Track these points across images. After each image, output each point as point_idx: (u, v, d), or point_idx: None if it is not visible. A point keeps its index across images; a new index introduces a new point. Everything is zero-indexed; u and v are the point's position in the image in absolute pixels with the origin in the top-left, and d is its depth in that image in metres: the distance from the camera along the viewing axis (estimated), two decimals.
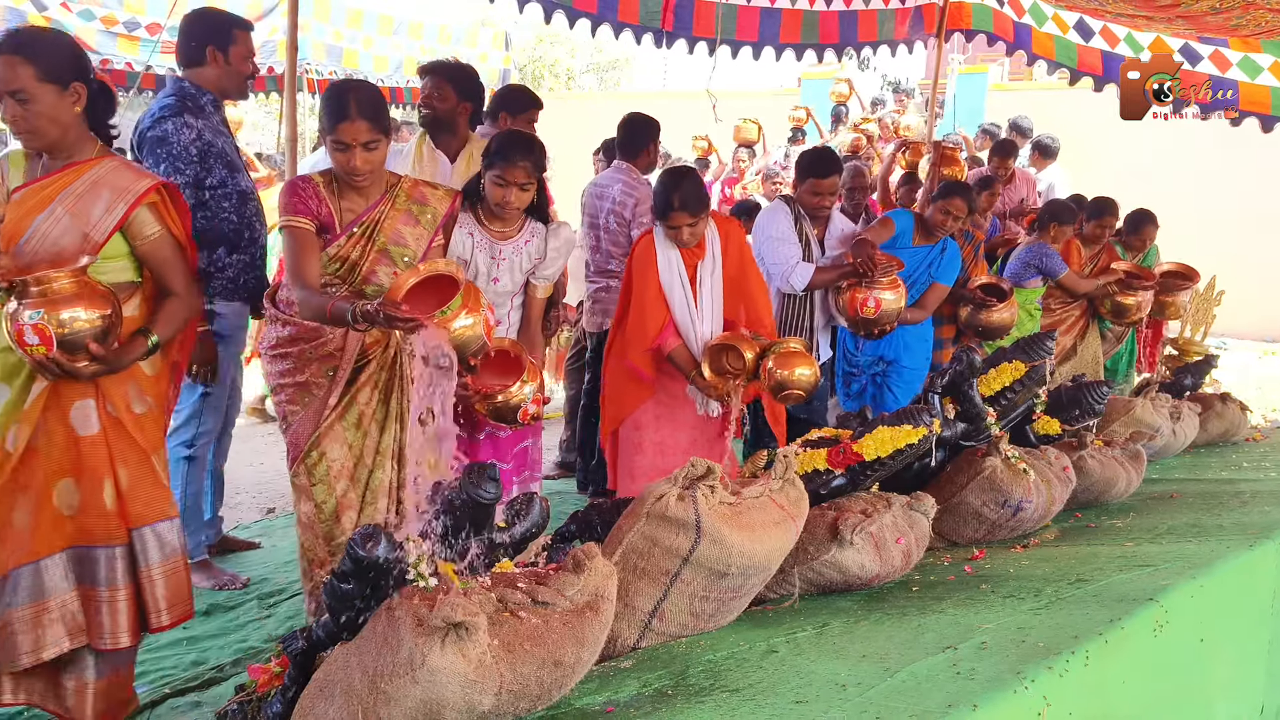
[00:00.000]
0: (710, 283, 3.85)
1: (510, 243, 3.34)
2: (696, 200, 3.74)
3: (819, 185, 4.47)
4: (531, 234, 3.38)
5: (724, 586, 2.22)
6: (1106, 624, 2.03)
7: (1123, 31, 6.25)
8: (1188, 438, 4.38)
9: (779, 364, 3.69)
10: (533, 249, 3.38)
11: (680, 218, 3.73)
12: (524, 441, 3.60)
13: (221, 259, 3.51)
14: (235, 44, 3.50)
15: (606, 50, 28.88)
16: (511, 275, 3.36)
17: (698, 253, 3.85)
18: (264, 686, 2.13)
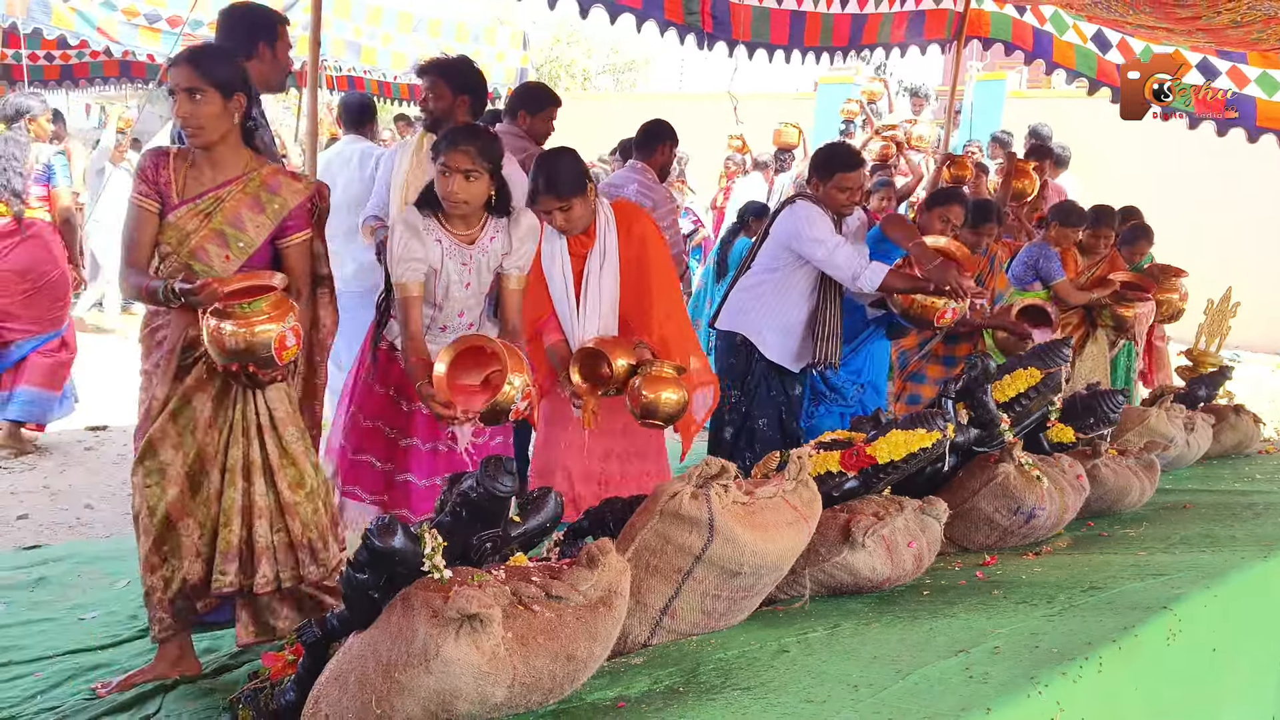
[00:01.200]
0: (599, 276, 3.54)
1: (476, 245, 3.18)
2: (568, 182, 3.41)
3: (847, 179, 4.11)
4: (495, 230, 3.20)
5: (736, 586, 2.23)
6: (1120, 631, 2.03)
7: (1140, 45, 6.22)
8: (1201, 449, 4.37)
9: (646, 385, 3.39)
10: (499, 245, 3.20)
11: (547, 201, 3.41)
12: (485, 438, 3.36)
13: None
14: (280, 39, 3.54)
15: (623, 51, 28.93)
16: (479, 276, 3.22)
17: (586, 242, 3.55)
18: (278, 674, 2.15)
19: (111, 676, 2.91)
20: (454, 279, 3.18)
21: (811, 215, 4.11)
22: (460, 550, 1.97)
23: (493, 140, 3.14)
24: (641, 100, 17.65)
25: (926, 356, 5.01)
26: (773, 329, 4.19)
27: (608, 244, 3.54)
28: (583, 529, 2.57)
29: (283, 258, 2.84)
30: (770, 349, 4.17)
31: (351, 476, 3.32)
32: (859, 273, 3.99)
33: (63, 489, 4.91)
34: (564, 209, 3.40)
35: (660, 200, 4.79)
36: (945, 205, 4.54)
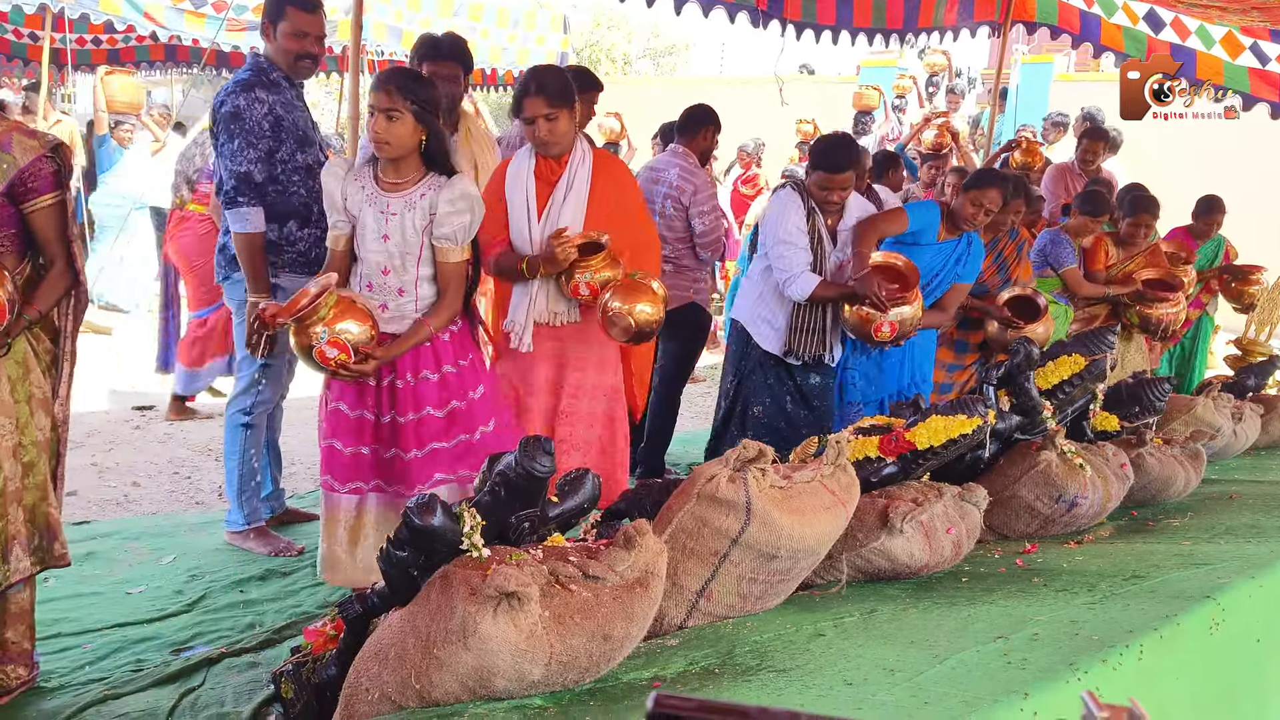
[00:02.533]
0: (562, 208, 3.33)
1: (402, 196, 2.91)
2: (558, 90, 3.21)
3: (830, 180, 3.88)
4: (428, 187, 2.93)
5: (772, 569, 2.23)
6: (1162, 620, 2.01)
7: (1194, 24, 6.09)
8: (1249, 439, 4.30)
9: (619, 294, 3.16)
10: (427, 205, 2.92)
11: (534, 103, 3.20)
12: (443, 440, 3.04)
13: (292, 233, 3.54)
14: (285, 21, 3.53)
15: (664, 35, 28.82)
16: (403, 234, 2.92)
17: (557, 169, 3.34)
18: (319, 649, 2.18)
19: (157, 650, 2.98)
20: (370, 229, 2.94)
21: (783, 206, 3.98)
22: (498, 530, 1.99)
23: (419, 81, 2.95)
24: (682, 85, 17.58)
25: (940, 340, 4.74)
26: (764, 317, 4.09)
27: (577, 176, 3.34)
28: (620, 510, 2.59)
29: (29, 223, 2.59)
30: (764, 338, 4.07)
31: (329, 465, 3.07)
32: (791, 279, 3.88)
33: (110, 467, 5.00)
34: (550, 117, 3.21)
35: (701, 185, 4.76)
36: (980, 189, 4.16)
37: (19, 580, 2.59)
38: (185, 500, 4.60)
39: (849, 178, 3.94)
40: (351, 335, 2.80)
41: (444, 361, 3.03)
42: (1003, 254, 4.71)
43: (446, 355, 3.04)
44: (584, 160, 3.37)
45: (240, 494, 3.78)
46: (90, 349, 7.39)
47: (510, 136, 4.60)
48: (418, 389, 2.99)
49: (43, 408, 2.64)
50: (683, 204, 4.71)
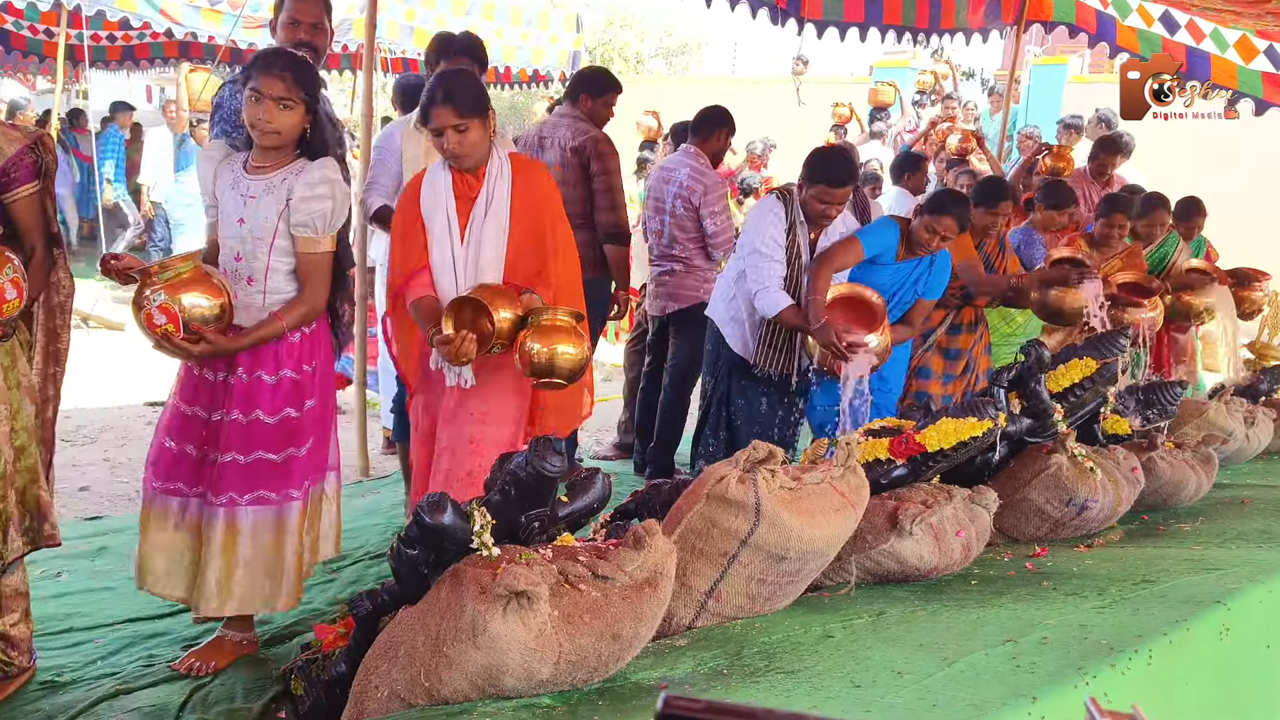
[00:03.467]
0: (484, 226, 3.00)
1: (264, 179, 2.73)
2: (469, 99, 2.88)
3: (830, 194, 3.76)
4: (291, 172, 2.74)
5: (781, 570, 2.23)
6: (1171, 625, 2.01)
7: (1209, 26, 6.07)
8: (1262, 443, 4.28)
9: (538, 337, 2.77)
10: (287, 188, 2.72)
11: (442, 114, 2.87)
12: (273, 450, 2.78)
13: None
14: (283, 11, 3.57)
15: (676, 34, 28.80)
16: (256, 217, 2.72)
17: (475, 184, 3.02)
18: (329, 646, 2.19)
19: (168, 646, 2.99)
20: (228, 212, 2.77)
21: (765, 215, 3.87)
22: (508, 529, 1.99)
23: (310, 70, 2.80)
24: (694, 84, 17.58)
25: (930, 349, 4.62)
26: (734, 318, 4.04)
27: (496, 189, 3.02)
28: (630, 511, 2.59)
29: (9, 213, 2.59)
30: (733, 339, 4.03)
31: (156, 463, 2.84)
32: (762, 292, 3.79)
33: (123, 462, 5.03)
34: (459, 129, 2.88)
35: (711, 185, 4.76)
36: (936, 215, 3.92)
37: (14, 559, 2.62)
38: None
39: (849, 192, 3.86)
40: (189, 309, 2.57)
41: (285, 364, 2.77)
42: (987, 254, 4.62)
43: (289, 358, 2.78)
44: (502, 172, 3.04)
45: None
46: (103, 344, 7.44)
47: (529, 135, 4.60)
48: (251, 388, 2.74)
49: (29, 395, 2.66)
50: (693, 204, 4.71)
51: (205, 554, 2.73)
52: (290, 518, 2.79)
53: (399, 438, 4.12)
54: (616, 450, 5.58)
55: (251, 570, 2.74)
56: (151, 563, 2.79)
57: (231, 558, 2.72)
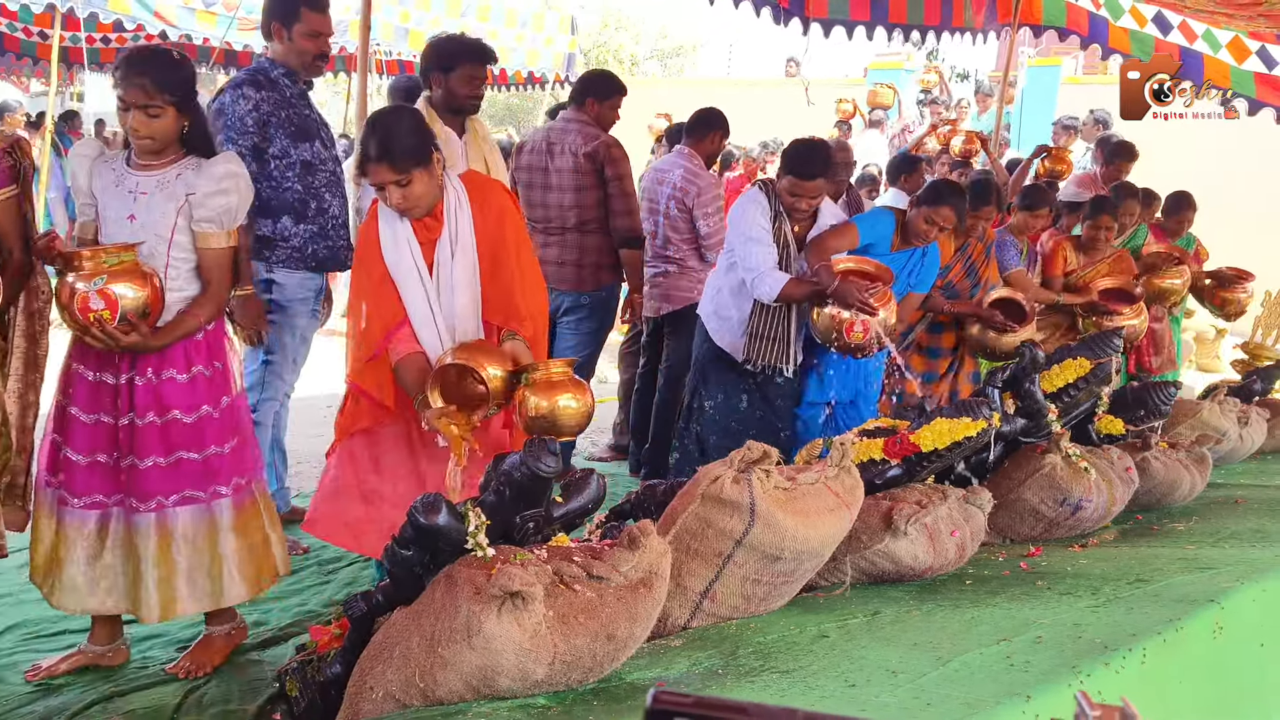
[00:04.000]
0: (454, 270, 2.79)
1: (154, 175, 2.65)
2: (408, 149, 2.64)
3: (799, 186, 3.76)
4: (185, 167, 2.66)
5: (776, 570, 2.23)
6: (1165, 624, 2.01)
7: (1201, 28, 6.08)
8: (1255, 443, 4.29)
9: (539, 392, 2.57)
10: (185, 183, 2.65)
11: (380, 172, 2.64)
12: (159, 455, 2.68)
13: (286, 229, 3.55)
14: (299, 22, 3.52)
15: (671, 36, 28.83)
16: (152, 214, 2.63)
17: (435, 226, 2.78)
18: (324, 647, 2.19)
19: (162, 648, 2.99)
20: (114, 210, 2.67)
21: (749, 205, 3.84)
22: (503, 529, 1.99)
23: (175, 68, 2.65)
24: (689, 85, 17.60)
25: (910, 348, 4.57)
26: (720, 314, 4.00)
27: (459, 227, 2.79)
28: (625, 511, 2.59)
29: None
30: (717, 333, 3.99)
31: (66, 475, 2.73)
32: (759, 277, 3.72)
33: None
34: (401, 184, 2.65)
35: (705, 186, 4.77)
36: (934, 206, 3.96)
37: None
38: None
39: (819, 186, 3.80)
40: (126, 299, 2.52)
41: (196, 361, 2.71)
42: (971, 258, 4.56)
43: (199, 355, 2.73)
44: (460, 204, 2.80)
45: None
46: None
47: (536, 142, 4.54)
48: (161, 389, 2.67)
49: None
50: (686, 205, 4.72)
51: (140, 563, 2.69)
52: (222, 515, 2.76)
53: None
54: (612, 451, 5.58)
55: (191, 572, 2.72)
56: (72, 580, 2.69)
57: (169, 563, 2.69)
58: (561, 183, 4.39)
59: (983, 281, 4.57)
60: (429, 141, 2.73)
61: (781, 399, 4.02)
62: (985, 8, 6.40)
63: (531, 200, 4.46)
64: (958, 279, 4.51)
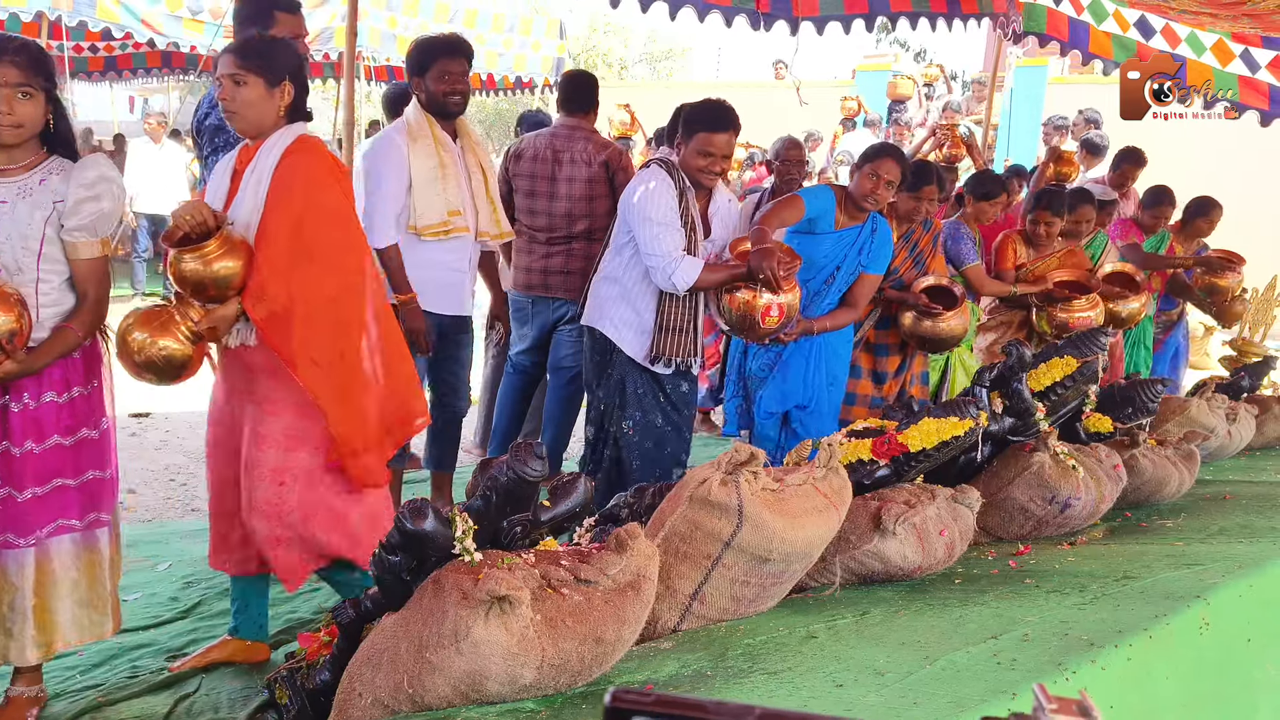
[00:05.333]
0: (243, 201, 2.68)
1: (15, 182, 2.42)
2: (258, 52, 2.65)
3: (711, 142, 3.42)
4: (49, 171, 2.46)
5: (765, 572, 2.24)
6: (1151, 620, 2.02)
7: (1185, 31, 6.10)
8: (1243, 440, 4.31)
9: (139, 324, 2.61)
10: (50, 190, 2.44)
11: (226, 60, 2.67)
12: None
13: None
14: (276, 25, 3.49)
15: (660, 40, 28.88)
16: (17, 225, 2.41)
17: (250, 158, 2.73)
18: (313, 654, 2.19)
19: (152, 656, 2.98)
20: None
21: (654, 187, 3.43)
22: (490, 534, 1.99)
23: (47, 56, 2.51)
24: (679, 89, 17.61)
25: (858, 345, 4.38)
26: (627, 320, 3.57)
27: (263, 164, 2.65)
28: (615, 514, 2.59)
29: None
30: (628, 344, 3.56)
31: None
32: (672, 265, 3.38)
33: None
34: (236, 80, 2.61)
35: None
36: (875, 160, 3.78)
37: None
38: (181, 507, 4.60)
39: (730, 141, 3.48)
40: None
41: (74, 382, 2.53)
42: (917, 245, 4.38)
43: (76, 375, 2.54)
44: (272, 152, 2.67)
45: None
46: None
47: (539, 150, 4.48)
48: (39, 414, 2.48)
49: None
50: None
51: (16, 600, 2.48)
52: (101, 544, 2.61)
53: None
54: None
55: (73, 605, 2.55)
56: None
57: (49, 597, 2.51)
58: (572, 191, 4.37)
59: (930, 272, 4.40)
60: (286, 69, 2.69)
61: (688, 407, 3.73)
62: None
63: (534, 209, 4.43)
64: (904, 269, 4.35)
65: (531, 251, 4.46)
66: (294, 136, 2.70)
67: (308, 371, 2.63)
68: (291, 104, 2.70)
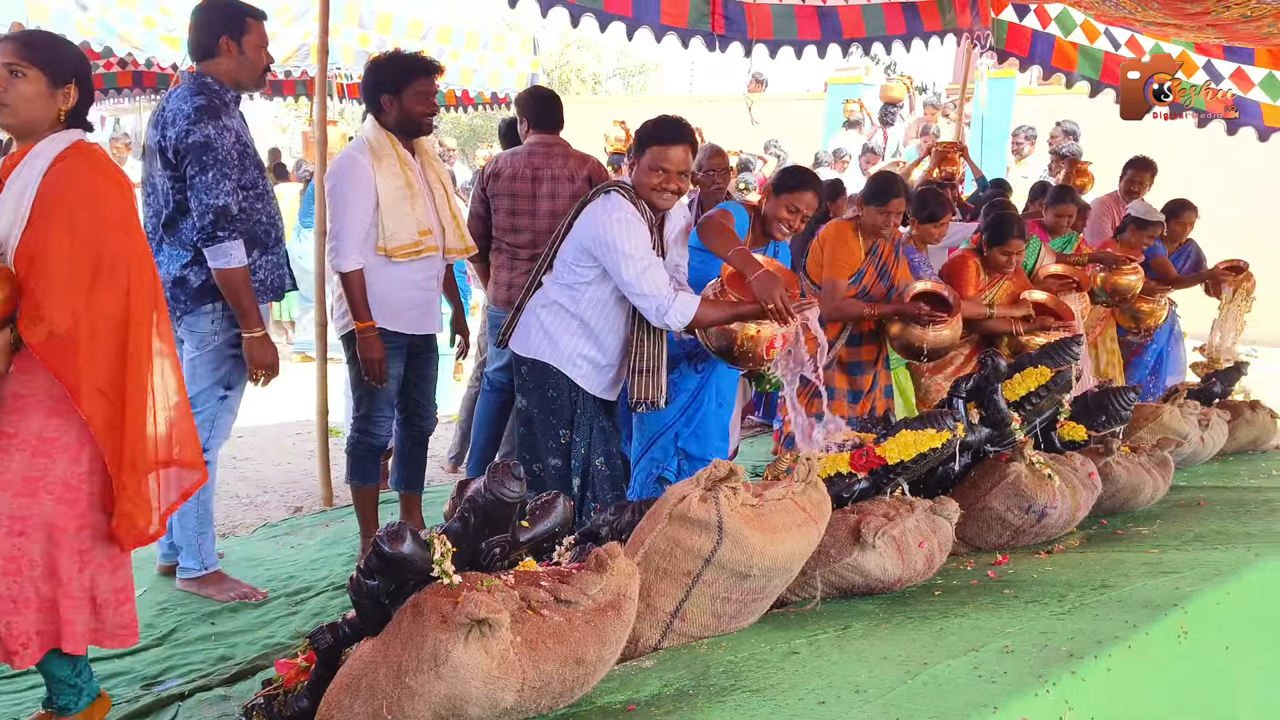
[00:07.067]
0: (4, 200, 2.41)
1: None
2: (40, 44, 2.45)
3: (666, 157, 3.23)
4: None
5: (746, 588, 2.24)
6: (1130, 629, 2.03)
7: (1149, 43, 6.19)
8: (1216, 445, 4.35)
9: None
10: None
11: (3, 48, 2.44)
12: None
13: (255, 260, 3.46)
14: (249, 33, 3.42)
15: (633, 55, 28.99)
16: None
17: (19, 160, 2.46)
18: (291, 681, 2.16)
19: (127, 685, 2.94)
20: None
21: (625, 219, 3.22)
22: (469, 556, 1.98)
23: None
24: (652, 103, 17.71)
25: (830, 366, 4.23)
26: (585, 355, 3.37)
27: (30, 168, 2.37)
28: (595, 533, 2.58)
29: None
30: (588, 379, 3.38)
31: None
32: (665, 304, 3.19)
33: None
34: (12, 70, 2.38)
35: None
36: (794, 193, 3.65)
37: None
38: None
39: (687, 155, 3.30)
40: None
41: None
42: (882, 258, 4.31)
43: None
44: (47, 151, 2.41)
45: (199, 535, 3.58)
46: None
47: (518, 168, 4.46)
48: None
49: None
50: None
51: None
52: None
53: (356, 479, 4.01)
54: None
55: None
56: None
57: None
58: (554, 207, 4.35)
59: (896, 285, 4.34)
60: (74, 71, 2.47)
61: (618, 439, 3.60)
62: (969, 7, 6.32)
63: (517, 226, 4.43)
64: (871, 283, 4.29)
65: (514, 268, 4.46)
66: (69, 141, 2.43)
67: (91, 401, 2.34)
68: (73, 110, 2.46)
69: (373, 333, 3.69)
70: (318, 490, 4.97)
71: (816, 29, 6.00)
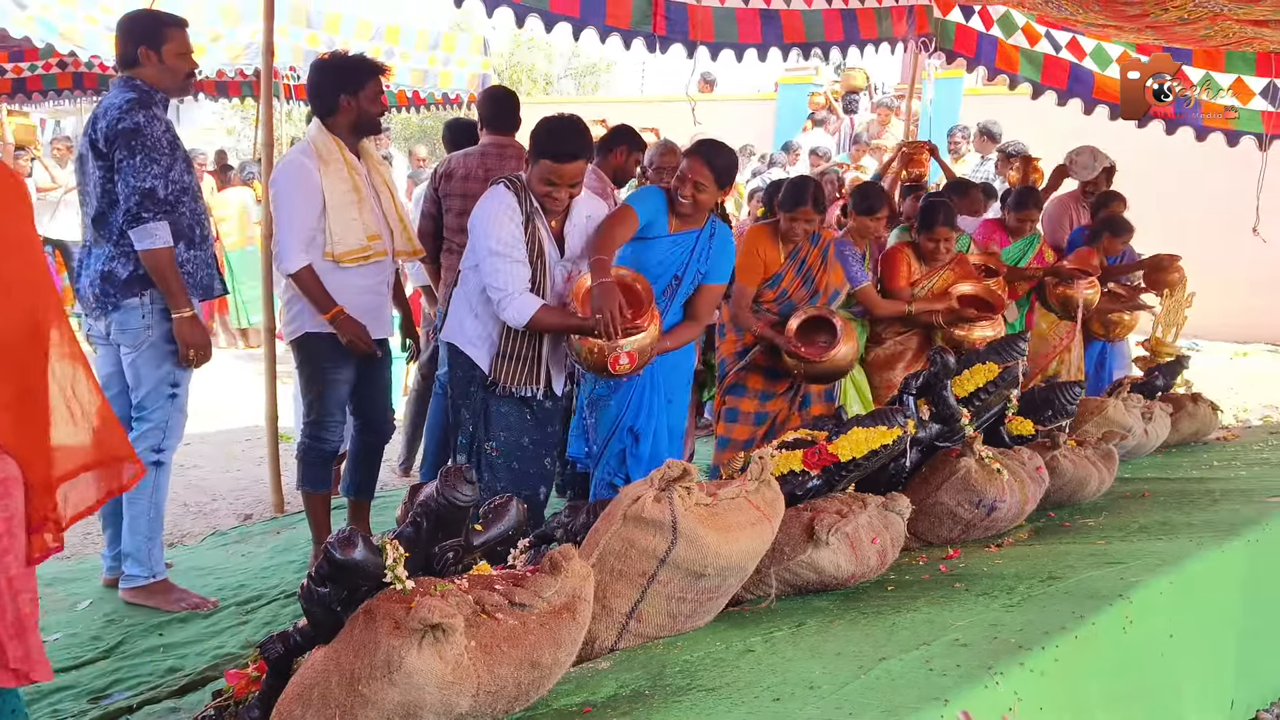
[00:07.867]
0: None
1: None
2: None
3: (557, 171, 3.24)
4: None
5: (701, 587, 2.24)
6: (1076, 620, 2.07)
7: (1091, 44, 6.31)
8: (1160, 437, 4.44)
9: None
10: None
11: None
12: None
13: (180, 254, 3.44)
14: (168, 43, 3.45)
15: (584, 55, 28.93)
16: None
17: None
18: (241, 692, 2.13)
19: (73, 699, 2.88)
20: None
21: (496, 209, 3.26)
22: (422, 561, 1.97)
23: None
24: (603, 103, 17.70)
25: (748, 368, 4.28)
26: (482, 336, 3.44)
27: None
28: (551, 535, 2.58)
29: None
30: (484, 362, 3.43)
31: None
32: (507, 299, 3.23)
33: None
34: None
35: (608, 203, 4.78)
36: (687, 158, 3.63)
37: None
38: (100, 543, 4.46)
39: (580, 169, 3.30)
40: None
41: None
42: (805, 262, 4.26)
43: None
44: None
45: (149, 541, 3.53)
46: None
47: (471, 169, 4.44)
48: None
49: None
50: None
51: None
52: None
53: (307, 485, 3.97)
54: None
55: None
56: None
57: None
58: None
59: (822, 289, 4.30)
60: None
61: (552, 425, 3.59)
62: (905, 17, 6.46)
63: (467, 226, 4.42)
64: (793, 289, 4.27)
65: None
66: None
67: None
68: None
69: (343, 314, 3.67)
70: (268, 497, 4.91)
71: (758, 32, 6.11)
